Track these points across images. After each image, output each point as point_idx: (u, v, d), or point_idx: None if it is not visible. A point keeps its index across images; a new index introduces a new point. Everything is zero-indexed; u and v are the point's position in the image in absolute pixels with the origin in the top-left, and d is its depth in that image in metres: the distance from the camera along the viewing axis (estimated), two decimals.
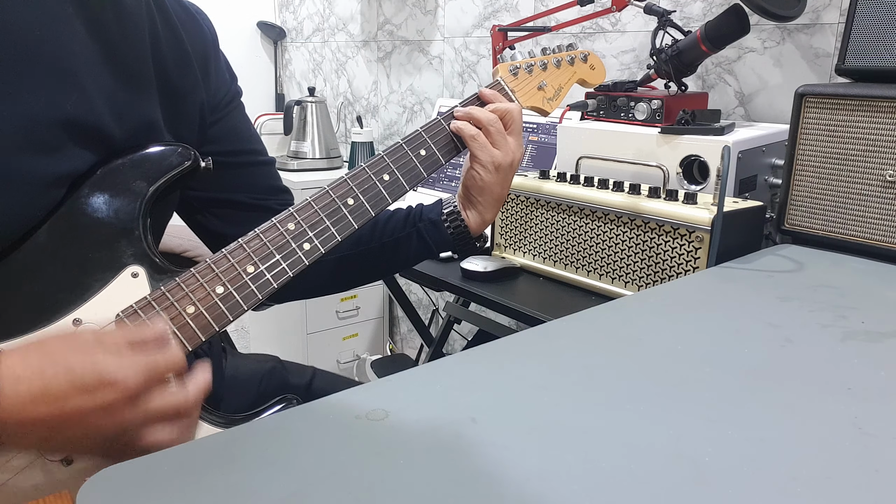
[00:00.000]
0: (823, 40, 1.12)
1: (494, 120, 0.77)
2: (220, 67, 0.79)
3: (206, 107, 0.76)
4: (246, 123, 0.84)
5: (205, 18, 0.78)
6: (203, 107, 0.75)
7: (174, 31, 0.71)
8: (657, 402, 0.48)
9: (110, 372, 0.51)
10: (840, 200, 0.85)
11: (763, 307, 0.66)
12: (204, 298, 0.62)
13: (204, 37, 0.77)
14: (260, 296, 0.64)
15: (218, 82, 0.78)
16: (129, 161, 0.63)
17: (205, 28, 0.77)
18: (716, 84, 1.28)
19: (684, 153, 0.97)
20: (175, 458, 0.41)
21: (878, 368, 0.54)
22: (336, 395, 0.48)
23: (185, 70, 0.72)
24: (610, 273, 0.92)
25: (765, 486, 0.38)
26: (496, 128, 0.76)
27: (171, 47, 0.70)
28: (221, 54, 0.80)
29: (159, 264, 0.63)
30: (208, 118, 0.77)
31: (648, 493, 0.38)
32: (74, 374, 0.50)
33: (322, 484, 0.38)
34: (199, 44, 0.75)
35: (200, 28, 0.76)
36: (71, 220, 0.60)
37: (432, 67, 1.97)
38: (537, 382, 0.51)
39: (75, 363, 0.50)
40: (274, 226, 0.66)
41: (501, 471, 0.39)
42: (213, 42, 0.78)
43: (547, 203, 0.98)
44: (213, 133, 0.77)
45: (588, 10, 1.26)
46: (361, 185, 0.71)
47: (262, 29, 2.64)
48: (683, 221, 0.83)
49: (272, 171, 0.88)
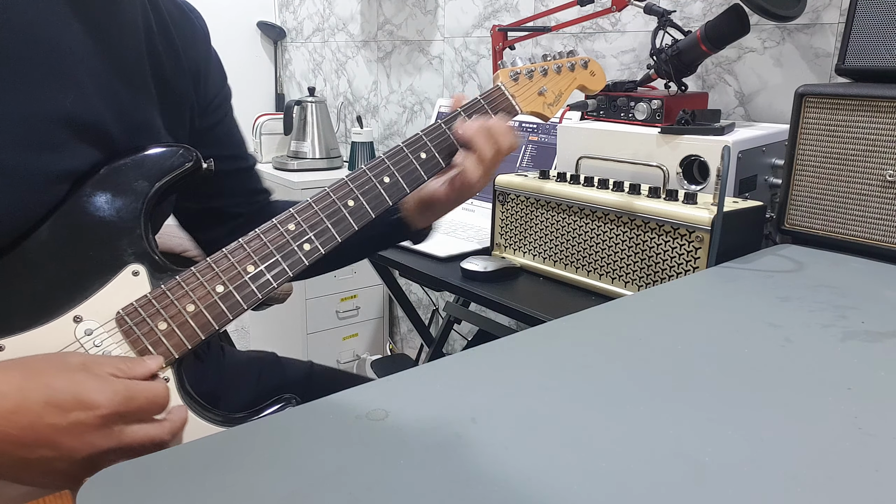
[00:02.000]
0: (823, 40, 1.12)
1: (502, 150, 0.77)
2: (213, 67, 0.79)
3: (198, 107, 0.76)
4: (235, 126, 0.85)
5: (198, 17, 0.78)
6: (195, 107, 0.75)
7: (168, 30, 0.71)
8: (657, 402, 0.48)
9: (87, 392, 0.51)
10: (840, 200, 0.85)
11: (763, 307, 0.66)
12: (204, 297, 0.62)
13: (197, 36, 0.76)
14: (260, 295, 0.64)
15: (211, 82, 0.78)
16: (131, 161, 0.63)
17: (198, 27, 0.77)
18: (716, 84, 1.28)
19: (684, 153, 0.97)
20: (175, 458, 0.41)
21: (878, 368, 0.54)
22: (336, 395, 0.48)
23: (180, 70, 0.72)
24: (610, 273, 0.92)
25: (765, 486, 0.38)
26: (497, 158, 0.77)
27: (165, 47, 0.70)
28: (214, 53, 0.80)
29: (160, 263, 0.63)
30: (200, 120, 0.77)
31: (648, 493, 0.38)
32: (51, 391, 0.50)
33: (322, 484, 0.38)
34: (192, 43, 0.75)
35: (194, 27, 0.76)
36: (73, 218, 0.60)
37: (432, 67, 1.97)
38: (537, 382, 0.51)
39: (55, 382, 0.50)
40: (274, 226, 0.66)
41: (501, 471, 0.39)
42: (206, 41, 0.78)
43: (547, 203, 0.98)
44: (206, 136, 0.77)
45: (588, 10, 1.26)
46: (361, 186, 0.71)
47: (262, 29, 2.64)
48: (683, 221, 0.83)
49: (254, 174, 0.88)
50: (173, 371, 0.62)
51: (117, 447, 0.52)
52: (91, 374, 0.53)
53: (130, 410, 0.53)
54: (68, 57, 0.59)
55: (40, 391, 0.49)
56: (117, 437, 0.52)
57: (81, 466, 0.51)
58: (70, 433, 0.50)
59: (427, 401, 0.47)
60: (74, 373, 0.52)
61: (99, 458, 0.52)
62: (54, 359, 0.54)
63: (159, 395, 0.56)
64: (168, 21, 0.71)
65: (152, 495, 0.37)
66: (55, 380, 0.51)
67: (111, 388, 0.52)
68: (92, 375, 0.53)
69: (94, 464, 0.52)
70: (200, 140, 0.76)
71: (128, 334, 0.60)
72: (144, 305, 0.61)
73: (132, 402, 0.53)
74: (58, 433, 0.49)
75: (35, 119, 0.56)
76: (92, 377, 0.52)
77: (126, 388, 0.53)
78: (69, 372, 0.52)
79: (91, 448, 0.51)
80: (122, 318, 0.60)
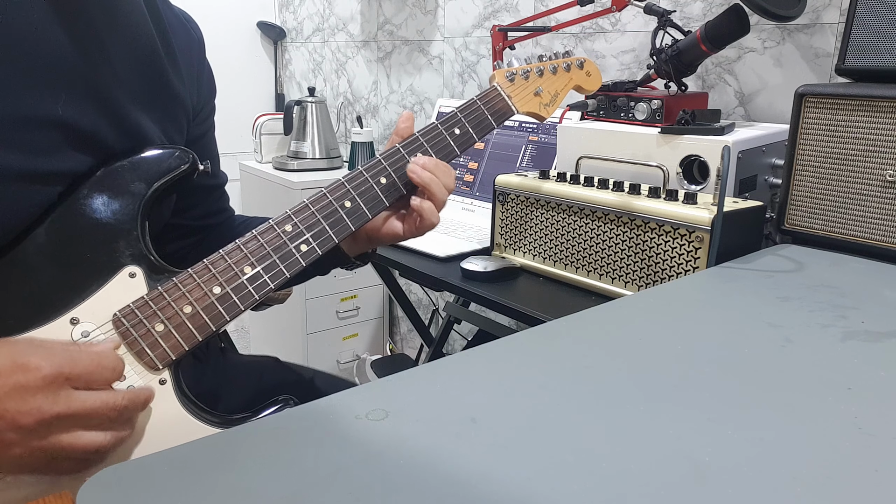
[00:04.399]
0: (823, 40, 1.12)
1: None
2: (205, 78, 0.79)
3: (191, 116, 0.76)
4: (215, 143, 0.85)
5: (195, 27, 0.79)
6: (189, 114, 0.75)
7: (166, 37, 0.71)
8: (657, 402, 0.48)
9: (25, 355, 0.51)
10: (840, 200, 0.85)
11: (763, 307, 0.66)
12: (201, 299, 0.62)
13: (193, 45, 0.77)
14: (257, 297, 0.64)
15: (203, 92, 0.79)
16: (128, 163, 0.63)
17: (194, 36, 0.78)
18: (716, 84, 1.28)
19: (684, 153, 0.97)
20: (175, 458, 0.41)
21: (878, 368, 0.53)
22: (336, 395, 0.48)
23: (178, 76, 0.72)
24: (610, 273, 0.92)
25: (765, 486, 0.38)
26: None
27: (165, 52, 0.70)
28: (207, 64, 0.80)
29: (157, 265, 0.63)
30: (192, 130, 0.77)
31: (648, 493, 0.38)
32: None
33: (322, 484, 0.38)
34: (188, 51, 0.75)
35: (190, 36, 0.77)
36: (70, 220, 0.60)
37: (432, 67, 1.97)
38: (537, 382, 0.51)
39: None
40: (271, 227, 0.66)
41: (501, 471, 0.39)
42: (201, 51, 0.79)
43: (547, 203, 0.98)
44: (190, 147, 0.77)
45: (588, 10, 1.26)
46: (358, 187, 0.71)
47: (262, 29, 2.64)
48: (683, 221, 0.83)
49: (224, 192, 0.88)
50: (171, 372, 0.62)
51: (67, 413, 0.51)
52: (32, 344, 0.53)
53: (76, 373, 0.52)
54: (60, 61, 0.59)
55: None
56: (65, 401, 0.51)
57: (35, 436, 0.51)
58: (12, 398, 0.49)
59: (427, 401, 0.47)
60: (15, 343, 0.52)
61: (51, 425, 0.51)
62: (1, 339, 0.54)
63: (106, 358, 0.55)
64: (167, 28, 0.72)
65: (152, 495, 0.37)
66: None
67: (51, 351, 0.52)
68: (33, 344, 0.52)
69: (48, 435, 0.51)
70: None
71: (125, 336, 0.60)
72: (141, 307, 0.61)
73: (76, 365, 0.52)
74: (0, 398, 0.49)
75: (25, 122, 0.56)
76: (33, 345, 0.52)
77: (67, 352, 0.53)
78: (9, 343, 0.52)
79: (39, 413, 0.50)
80: (118, 319, 0.60)
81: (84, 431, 0.53)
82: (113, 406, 0.54)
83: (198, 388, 0.65)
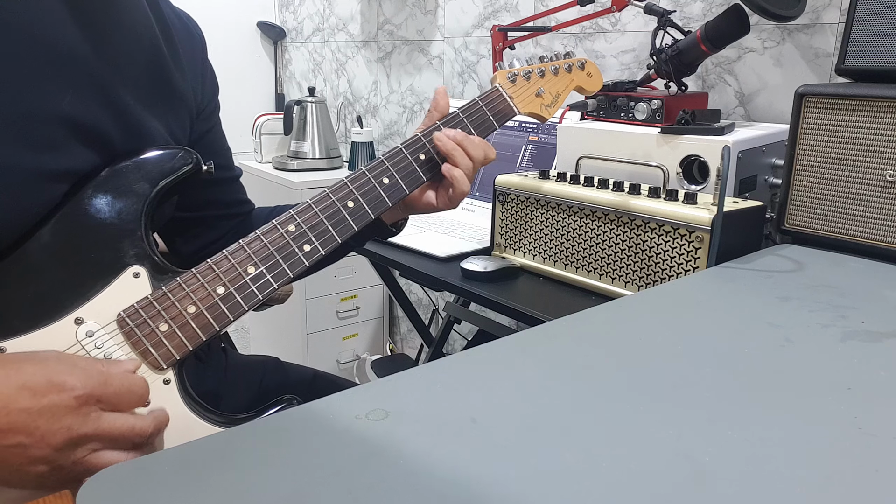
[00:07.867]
0: (823, 40, 1.12)
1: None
2: (208, 75, 0.80)
3: (194, 114, 0.76)
4: (223, 137, 0.85)
5: (196, 27, 0.79)
6: (193, 112, 0.75)
7: (169, 36, 0.71)
8: (657, 402, 0.48)
9: (59, 374, 0.51)
10: (840, 200, 0.85)
11: (763, 307, 0.66)
12: (205, 298, 0.62)
13: (195, 44, 0.77)
14: (260, 296, 0.64)
15: (206, 90, 0.79)
16: (132, 163, 0.63)
17: (196, 36, 0.78)
18: (716, 84, 1.28)
19: (684, 153, 0.97)
20: (175, 458, 0.41)
21: (878, 368, 0.53)
22: (336, 395, 0.48)
23: (181, 74, 0.72)
24: (610, 273, 0.92)
25: (765, 486, 0.38)
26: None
27: (168, 50, 0.70)
28: (209, 63, 0.81)
29: (161, 264, 0.63)
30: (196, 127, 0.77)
31: (648, 493, 0.38)
32: (25, 376, 0.50)
33: (322, 484, 0.38)
34: (190, 50, 0.75)
35: (192, 37, 0.77)
36: (74, 220, 0.60)
37: (432, 67, 1.97)
38: (537, 382, 0.51)
39: (27, 367, 0.51)
40: (275, 227, 0.66)
41: (501, 471, 0.39)
42: (202, 50, 0.79)
43: (547, 203, 0.98)
44: (197, 144, 0.77)
45: (588, 10, 1.26)
46: (361, 187, 0.71)
47: (262, 29, 2.64)
48: (683, 221, 0.83)
49: (239, 185, 0.89)
50: (175, 372, 0.62)
51: (94, 434, 0.52)
52: (64, 362, 0.53)
53: (107, 395, 0.53)
54: (66, 58, 0.59)
55: (12, 377, 0.49)
56: (94, 422, 0.52)
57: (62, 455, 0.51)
58: (44, 416, 0.49)
59: (427, 401, 0.47)
60: (47, 360, 0.52)
61: (77, 445, 0.51)
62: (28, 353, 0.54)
63: (136, 384, 0.56)
64: (170, 26, 0.72)
65: (152, 495, 0.37)
66: (27, 365, 0.51)
67: (85, 371, 0.52)
68: (65, 362, 0.53)
69: (73, 455, 0.51)
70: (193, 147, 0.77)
71: (129, 336, 0.60)
72: (145, 307, 0.61)
73: (108, 387, 0.53)
74: (32, 417, 0.49)
75: (31, 118, 0.56)
76: (65, 363, 0.52)
77: (100, 373, 0.53)
78: (42, 360, 0.52)
79: (68, 433, 0.50)
80: (123, 319, 0.60)
81: (108, 451, 0.53)
82: (139, 431, 0.55)
83: (200, 388, 0.65)
